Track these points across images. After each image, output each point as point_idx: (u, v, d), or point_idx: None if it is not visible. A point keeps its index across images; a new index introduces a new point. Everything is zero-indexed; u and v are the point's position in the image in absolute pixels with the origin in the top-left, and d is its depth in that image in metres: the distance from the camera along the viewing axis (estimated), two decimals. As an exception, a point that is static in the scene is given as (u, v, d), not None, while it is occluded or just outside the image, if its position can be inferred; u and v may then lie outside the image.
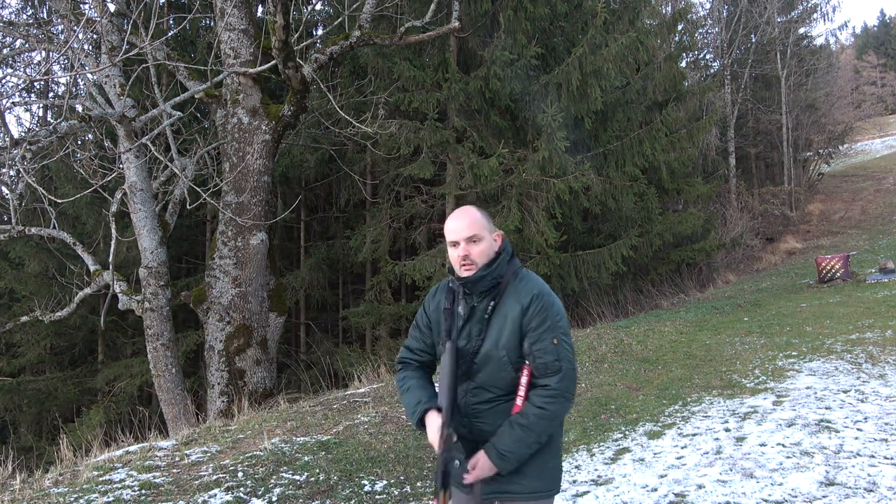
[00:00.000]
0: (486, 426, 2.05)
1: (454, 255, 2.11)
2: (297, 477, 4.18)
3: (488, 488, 2.04)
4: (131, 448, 4.87)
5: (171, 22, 9.58)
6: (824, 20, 35.47)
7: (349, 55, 11.35)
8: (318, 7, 14.01)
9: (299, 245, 15.39)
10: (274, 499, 3.85)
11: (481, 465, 1.99)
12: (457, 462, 1.92)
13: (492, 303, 2.08)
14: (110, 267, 8.06)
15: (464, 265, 2.08)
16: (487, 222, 2.14)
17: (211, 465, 4.41)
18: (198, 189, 7.18)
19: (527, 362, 2.02)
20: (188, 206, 7.88)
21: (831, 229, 23.93)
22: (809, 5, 28.18)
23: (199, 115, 11.85)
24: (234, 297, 7.83)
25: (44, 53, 9.43)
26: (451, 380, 2.00)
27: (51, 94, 13.32)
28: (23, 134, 11.17)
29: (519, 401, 2.01)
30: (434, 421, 2.01)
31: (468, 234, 2.09)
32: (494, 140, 10.66)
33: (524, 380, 2.02)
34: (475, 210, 2.15)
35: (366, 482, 4.13)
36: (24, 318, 9.26)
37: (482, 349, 2.06)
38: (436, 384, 2.15)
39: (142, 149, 7.36)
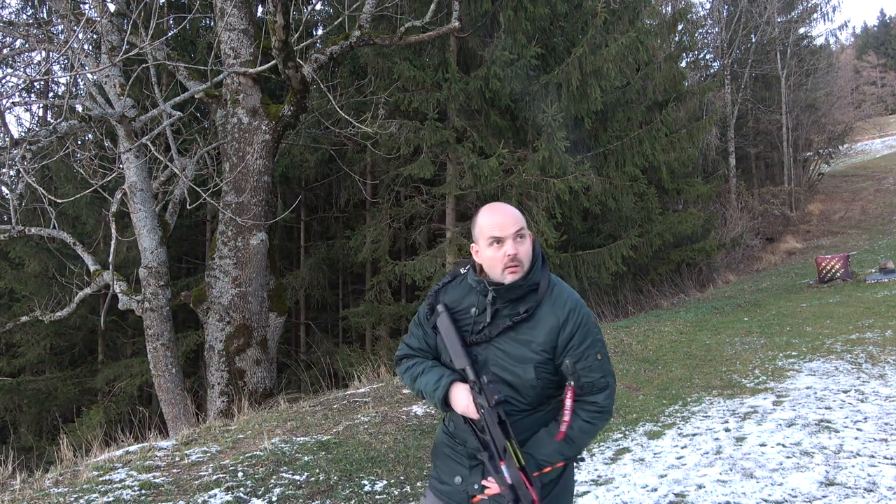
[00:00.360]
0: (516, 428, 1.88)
1: (495, 254, 1.83)
2: (297, 477, 4.18)
3: None
4: (131, 448, 4.87)
5: (171, 22, 9.58)
6: (824, 20, 35.51)
7: (349, 55, 11.36)
8: (318, 7, 14.01)
9: (299, 245, 15.39)
10: (274, 499, 3.85)
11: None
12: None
13: (524, 311, 1.85)
14: (110, 267, 8.06)
15: (510, 267, 1.82)
16: (524, 220, 1.91)
17: (211, 465, 4.41)
18: (198, 189, 7.18)
19: (570, 382, 1.83)
20: (188, 206, 7.88)
21: (831, 229, 23.94)
22: (809, 5, 28.19)
23: (199, 115, 11.84)
24: (234, 297, 7.83)
25: (44, 53, 9.43)
26: (460, 340, 1.86)
27: (51, 94, 13.33)
28: (23, 134, 11.18)
29: (564, 426, 1.82)
30: (462, 390, 1.83)
31: (516, 228, 1.83)
32: (494, 140, 10.67)
33: (569, 402, 1.82)
34: (506, 203, 1.94)
35: (366, 482, 4.13)
36: (24, 318, 9.26)
37: (497, 363, 1.86)
38: None
39: (142, 149, 7.36)
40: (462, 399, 1.84)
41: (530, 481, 1.77)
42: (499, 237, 1.82)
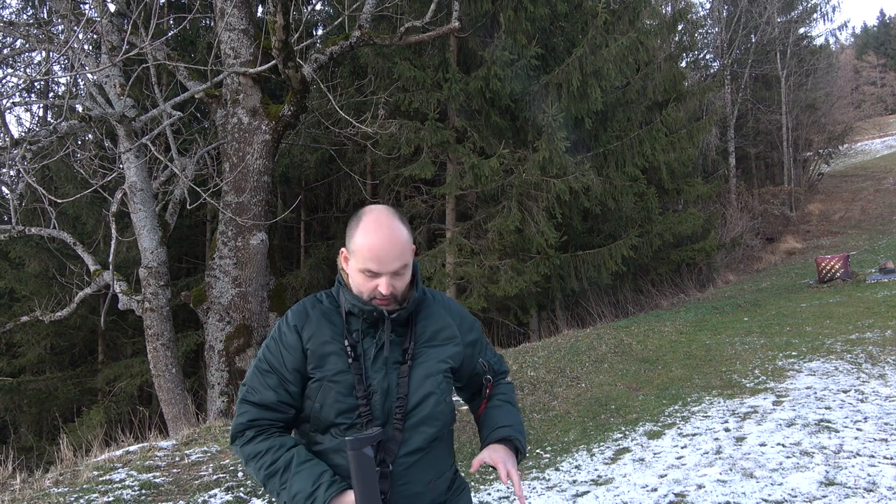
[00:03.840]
0: (415, 486, 1.56)
1: (367, 284, 1.55)
2: (297, 477, 4.17)
3: None
4: (131, 448, 4.87)
5: (171, 22, 9.57)
6: (824, 20, 35.53)
7: (349, 55, 11.35)
8: (318, 7, 14.02)
9: (299, 245, 15.39)
10: (274, 499, 3.85)
11: (509, 459, 1.62)
12: None
13: (424, 323, 1.64)
14: (110, 267, 8.06)
15: (380, 300, 1.56)
16: (410, 236, 1.61)
17: (211, 465, 4.41)
18: (198, 189, 7.18)
19: (489, 377, 1.75)
20: (188, 206, 7.88)
21: (831, 229, 23.93)
22: (809, 5, 28.19)
23: (199, 115, 11.84)
24: (234, 297, 7.83)
25: (44, 53, 9.42)
26: (372, 483, 1.43)
27: (51, 94, 13.32)
28: (23, 134, 11.17)
29: (489, 391, 1.75)
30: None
31: (398, 265, 1.55)
32: (495, 140, 10.67)
33: (487, 391, 1.75)
34: (398, 223, 1.57)
35: (366, 482, 4.12)
36: (24, 318, 9.26)
37: (412, 386, 1.58)
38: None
39: (142, 149, 7.36)
40: None
41: None
42: (374, 271, 1.54)
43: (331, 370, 1.55)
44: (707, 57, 26.99)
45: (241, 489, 3.95)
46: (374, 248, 1.53)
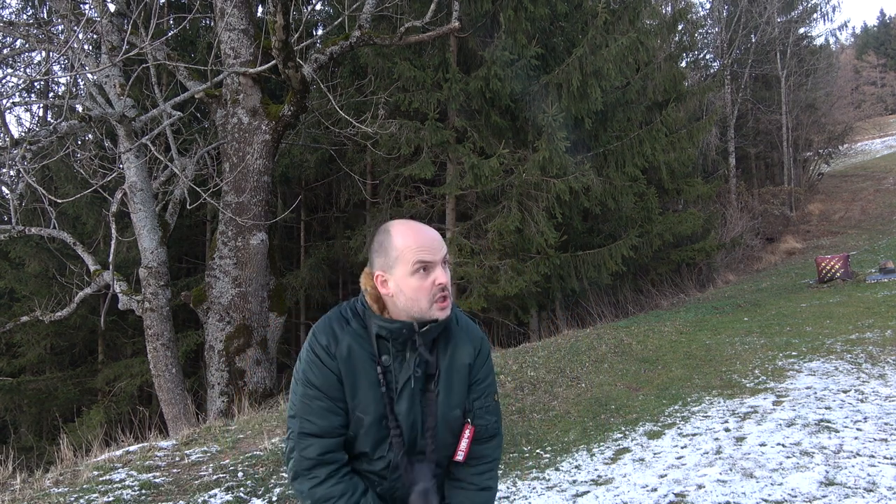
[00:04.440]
0: None
1: (421, 283, 1.47)
2: (297, 477, 4.17)
3: None
4: (131, 448, 4.87)
5: (171, 22, 9.57)
6: (824, 20, 35.47)
7: (349, 55, 11.36)
8: (318, 7, 14.02)
9: (299, 245, 15.39)
10: (274, 499, 3.85)
11: None
12: None
13: (446, 349, 1.58)
14: (110, 267, 8.06)
15: (440, 300, 1.49)
16: None
17: (211, 465, 4.41)
18: (198, 189, 7.19)
19: (468, 420, 1.60)
20: (188, 206, 7.88)
21: (831, 229, 23.94)
22: (809, 5, 28.20)
23: (199, 115, 11.84)
24: (234, 297, 7.83)
25: (44, 53, 9.43)
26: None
27: (51, 94, 13.32)
28: (23, 134, 11.17)
29: (460, 455, 1.59)
30: None
31: (445, 251, 1.52)
32: (495, 140, 10.67)
33: (464, 443, 1.60)
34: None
35: (366, 482, 4.12)
36: (24, 318, 9.26)
37: (439, 415, 1.55)
38: None
39: (142, 149, 7.36)
40: None
41: None
42: (431, 261, 1.47)
43: (362, 400, 1.49)
44: (707, 57, 27.00)
45: (241, 489, 3.95)
46: (419, 238, 1.49)
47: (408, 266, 1.47)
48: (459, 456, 1.57)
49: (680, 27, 17.24)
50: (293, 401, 1.53)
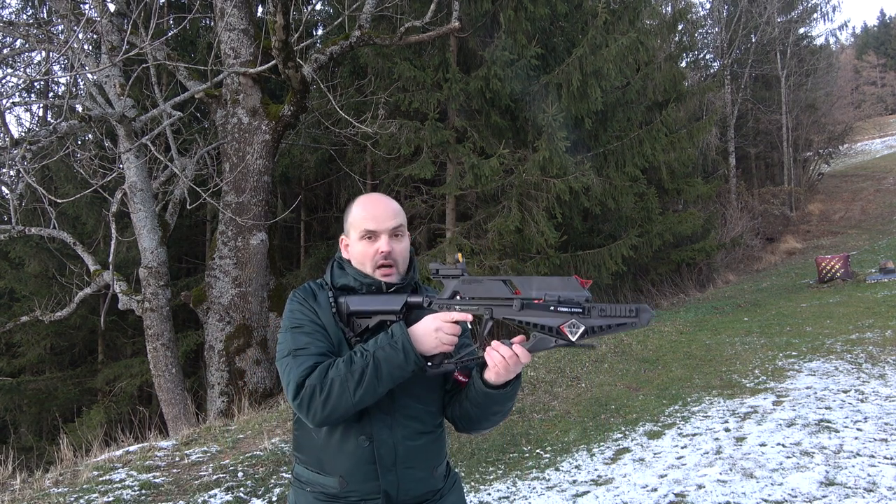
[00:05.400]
0: (420, 472, 1.59)
1: (366, 250, 1.62)
2: (297, 477, 4.17)
3: None
4: (131, 448, 4.87)
5: (171, 22, 9.57)
6: (824, 20, 35.52)
7: (349, 55, 11.35)
8: (318, 7, 14.01)
9: (299, 245, 15.38)
10: (274, 499, 3.85)
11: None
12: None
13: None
14: (110, 267, 8.06)
15: (382, 266, 1.62)
16: (404, 216, 1.73)
17: (211, 465, 4.41)
18: (198, 189, 7.19)
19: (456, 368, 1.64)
20: (188, 206, 7.88)
21: (831, 229, 23.93)
22: (809, 5, 28.20)
23: (199, 115, 11.83)
24: (234, 297, 7.83)
25: (44, 53, 9.42)
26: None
27: (51, 94, 13.32)
28: (23, 134, 11.17)
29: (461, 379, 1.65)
30: (426, 317, 1.52)
31: (393, 224, 1.64)
32: (495, 140, 10.67)
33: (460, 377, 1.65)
34: (392, 199, 1.73)
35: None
36: (24, 318, 9.26)
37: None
38: None
39: (142, 149, 7.36)
40: (433, 322, 1.49)
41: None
42: (372, 230, 1.62)
43: (333, 339, 1.59)
44: (707, 57, 27.00)
45: (241, 489, 3.95)
46: (368, 208, 1.65)
47: (357, 232, 1.64)
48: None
49: (680, 27, 17.25)
50: (282, 348, 1.58)
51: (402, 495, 1.56)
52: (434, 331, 1.48)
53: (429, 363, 1.51)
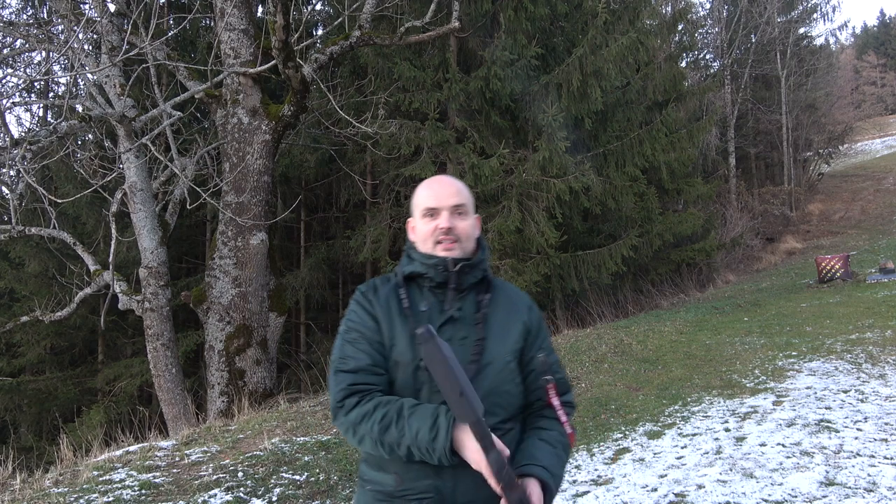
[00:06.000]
0: (481, 475, 1.48)
1: (426, 227, 1.60)
2: (297, 477, 4.18)
3: None
4: (131, 448, 4.87)
5: (171, 22, 9.57)
6: (824, 20, 35.49)
7: (349, 55, 11.35)
8: (318, 7, 14.01)
9: (299, 245, 15.38)
10: (274, 499, 3.85)
11: (535, 491, 1.46)
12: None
13: (486, 296, 1.60)
14: (110, 267, 8.06)
15: (443, 241, 1.58)
16: (472, 199, 1.70)
17: (211, 465, 4.41)
18: (198, 189, 7.19)
19: (549, 379, 1.60)
20: (188, 206, 7.88)
21: (831, 229, 23.93)
22: (809, 5, 28.20)
23: (199, 115, 11.83)
24: (234, 297, 7.83)
25: (44, 53, 9.42)
26: (459, 373, 1.39)
27: (51, 94, 13.32)
28: (23, 134, 11.17)
29: (569, 428, 1.60)
30: (471, 439, 1.40)
31: (455, 201, 1.61)
32: (495, 140, 10.67)
33: (556, 401, 1.59)
34: (459, 181, 1.70)
35: (366, 482, 4.12)
36: (24, 318, 9.26)
37: (485, 355, 1.54)
38: None
39: (142, 149, 7.36)
40: (474, 454, 1.40)
41: None
42: (433, 207, 1.61)
43: (398, 342, 1.55)
44: (707, 57, 27.01)
45: (241, 489, 3.95)
46: (429, 186, 1.65)
47: (419, 211, 1.64)
48: (566, 423, 1.59)
49: (680, 27, 17.26)
50: (333, 357, 1.60)
51: (459, 497, 1.49)
52: (474, 463, 1.42)
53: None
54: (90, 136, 9.07)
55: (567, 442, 1.59)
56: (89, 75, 7.59)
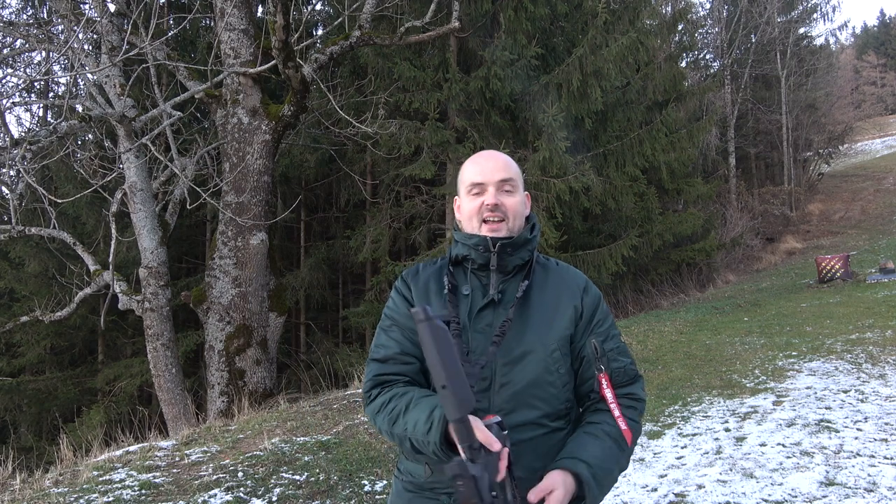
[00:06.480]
0: (521, 472, 1.32)
1: (472, 205, 1.51)
2: (297, 477, 4.18)
3: None
4: (131, 448, 4.87)
5: (171, 22, 9.57)
6: (824, 20, 35.47)
7: (349, 55, 11.35)
8: (318, 7, 14.01)
9: (299, 245, 15.38)
10: (274, 499, 3.85)
11: (558, 489, 1.28)
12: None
13: (525, 281, 1.48)
14: (110, 267, 8.06)
15: (489, 219, 1.48)
16: (521, 175, 1.59)
17: (211, 465, 4.41)
18: (198, 189, 7.19)
19: (602, 368, 1.44)
20: (188, 206, 7.88)
21: (831, 229, 23.93)
22: (809, 5, 28.21)
23: (199, 115, 11.83)
24: (234, 297, 7.83)
25: (44, 53, 9.42)
26: (448, 362, 1.15)
27: (51, 94, 13.31)
28: (23, 134, 11.17)
29: (623, 423, 1.41)
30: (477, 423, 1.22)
31: (503, 175, 1.51)
32: (495, 140, 10.67)
33: (609, 392, 1.43)
34: (506, 155, 1.59)
35: (366, 482, 4.13)
36: (24, 318, 9.26)
37: (523, 343, 1.42)
38: None
39: (142, 149, 7.36)
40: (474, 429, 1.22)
41: None
42: (480, 182, 1.51)
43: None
44: (707, 57, 27.01)
45: (241, 489, 3.95)
46: (475, 162, 1.55)
47: (464, 188, 1.54)
48: (620, 418, 1.42)
49: (680, 27, 17.26)
50: (372, 346, 1.57)
51: None
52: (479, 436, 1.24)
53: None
54: (90, 136, 9.08)
55: (620, 432, 1.41)
56: (89, 75, 7.59)
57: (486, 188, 1.50)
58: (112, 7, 8.05)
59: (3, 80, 10.59)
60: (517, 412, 1.41)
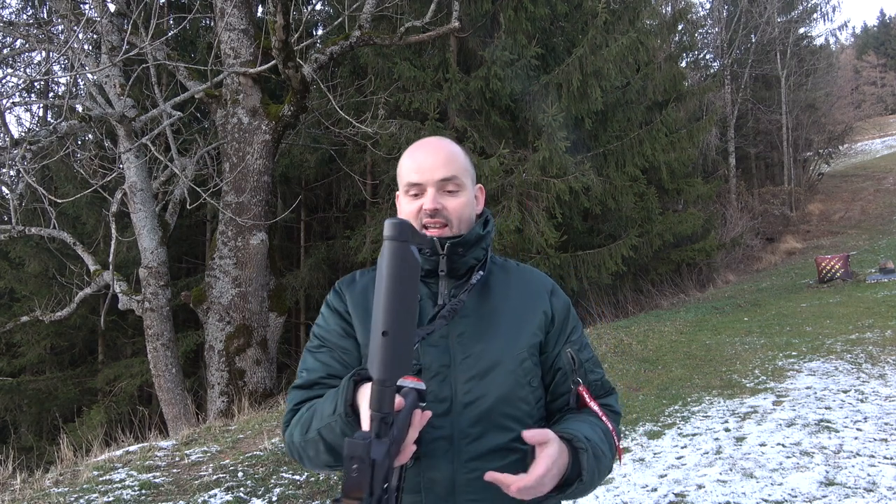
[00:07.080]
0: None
1: (410, 207, 1.27)
2: (297, 477, 4.18)
3: None
4: (131, 448, 4.87)
5: (171, 22, 9.57)
6: (824, 20, 35.48)
7: (349, 55, 11.35)
8: (318, 7, 14.01)
9: (299, 245, 15.38)
10: (274, 499, 3.85)
11: (552, 444, 1.08)
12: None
13: (479, 277, 1.28)
14: (110, 267, 8.06)
15: (429, 225, 1.25)
16: (470, 166, 1.34)
17: (211, 465, 4.41)
18: (198, 189, 7.19)
19: (578, 380, 1.27)
20: (188, 206, 7.89)
21: (831, 229, 23.93)
22: (809, 5, 28.21)
23: (199, 115, 11.83)
24: (234, 297, 7.83)
25: (44, 53, 9.42)
26: (410, 296, 0.92)
27: (51, 94, 13.31)
28: (23, 134, 11.17)
29: (610, 424, 1.27)
30: (365, 402, 0.99)
31: (444, 174, 1.26)
32: (495, 140, 10.67)
33: (594, 404, 1.27)
34: (453, 143, 1.35)
35: (366, 482, 4.12)
36: (24, 318, 9.26)
37: (490, 354, 1.22)
38: None
39: (142, 149, 7.36)
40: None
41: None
42: (416, 183, 1.27)
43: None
44: (707, 57, 27.02)
45: (241, 489, 3.95)
46: (412, 156, 1.31)
47: (402, 187, 1.32)
48: (604, 418, 1.26)
49: (680, 27, 17.26)
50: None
51: None
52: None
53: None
54: (90, 136, 9.08)
55: (608, 429, 1.25)
56: (89, 75, 7.59)
57: (424, 189, 1.27)
58: (112, 7, 8.05)
59: (3, 80, 10.59)
60: (486, 436, 1.18)
